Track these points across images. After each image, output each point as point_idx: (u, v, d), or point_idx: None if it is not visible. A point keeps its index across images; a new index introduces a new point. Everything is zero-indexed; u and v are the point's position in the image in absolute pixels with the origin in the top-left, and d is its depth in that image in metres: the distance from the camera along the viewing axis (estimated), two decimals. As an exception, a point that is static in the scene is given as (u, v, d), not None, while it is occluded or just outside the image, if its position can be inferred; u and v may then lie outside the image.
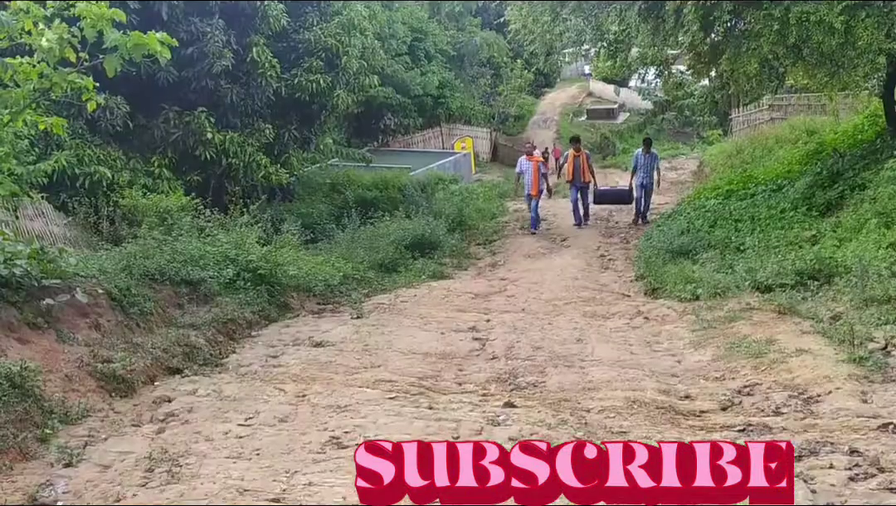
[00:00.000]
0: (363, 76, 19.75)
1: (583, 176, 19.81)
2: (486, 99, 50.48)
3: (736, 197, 16.92)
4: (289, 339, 9.02)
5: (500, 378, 7.34)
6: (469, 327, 9.59)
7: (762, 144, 24.64)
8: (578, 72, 75.92)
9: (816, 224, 12.20)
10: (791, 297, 9.04)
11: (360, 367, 7.72)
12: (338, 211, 19.60)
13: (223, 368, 7.76)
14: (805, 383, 6.36)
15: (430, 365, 7.82)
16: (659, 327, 9.43)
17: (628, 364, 7.72)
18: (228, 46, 16.09)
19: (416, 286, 12.94)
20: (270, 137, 17.47)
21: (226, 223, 12.25)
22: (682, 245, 13.80)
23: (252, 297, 9.92)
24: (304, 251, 13.76)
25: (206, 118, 15.84)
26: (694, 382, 7.04)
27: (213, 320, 8.83)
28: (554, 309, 10.89)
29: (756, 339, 7.78)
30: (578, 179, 19.83)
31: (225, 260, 10.33)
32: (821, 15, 11.39)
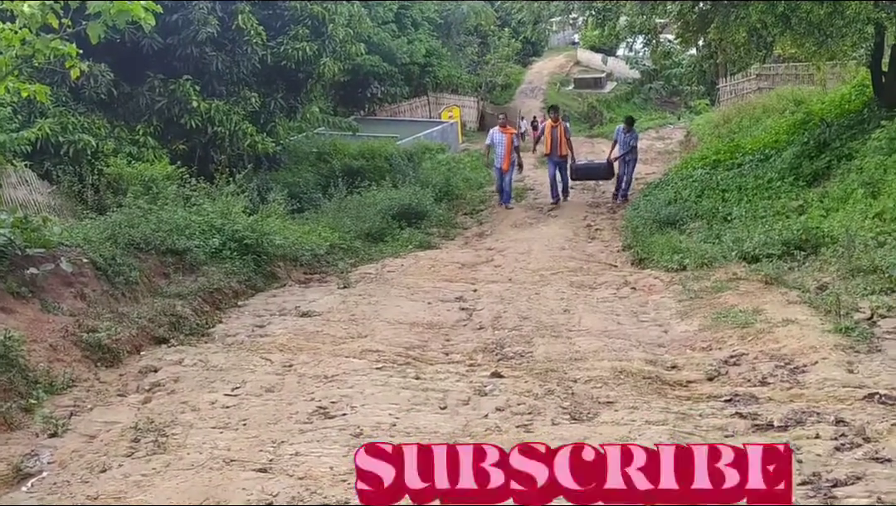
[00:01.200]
0: (349, 44, 19.64)
1: (559, 149, 18.83)
2: (473, 68, 50.31)
3: (723, 167, 16.93)
4: (275, 309, 8.99)
5: (487, 348, 7.33)
6: (456, 297, 9.57)
7: (749, 114, 24.64)
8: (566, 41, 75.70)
9: (803, 194, 12.22)
10: (778, 267, 9.06)
11: (347, 337, 7.70)
12: (324, 180, 19.54)
13: (209, 338, 7.75)
14: (791, 353, 6.38)
15: (417, 335, 7.81)
16: (646, 297, 9.44)
17: (615, 334, 7.72)
18: (213, 13, 15.97)
19: (403, 256, 12.92)
20: (256, 105, 17.38)
21: (211, 192, 12.19)
22: (670, 215, 13.81)
23: (238, 266, 9.88)
24: (291, 221, 13.73)
25: (191, 86, 15.75)
26: (680, 352, 7.06)
27: (199, 290, 8.80)
28: (541, 279, 10.88)
29: (743, 309, 7.79)
30: (556, 153, 18.87)
31: (211, 229, 10.29)
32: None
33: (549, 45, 71.99)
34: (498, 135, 18.69)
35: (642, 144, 33.03)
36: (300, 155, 22.01)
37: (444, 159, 25.20)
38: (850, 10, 11.73)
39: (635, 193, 19.23)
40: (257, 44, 16.79)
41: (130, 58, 15.33)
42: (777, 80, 28.64)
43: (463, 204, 19.64)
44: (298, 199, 17.12)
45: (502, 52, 52.24)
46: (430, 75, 42.63)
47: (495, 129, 19.10)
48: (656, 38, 20.27)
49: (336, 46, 18.91)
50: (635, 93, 58.46)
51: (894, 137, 11.45)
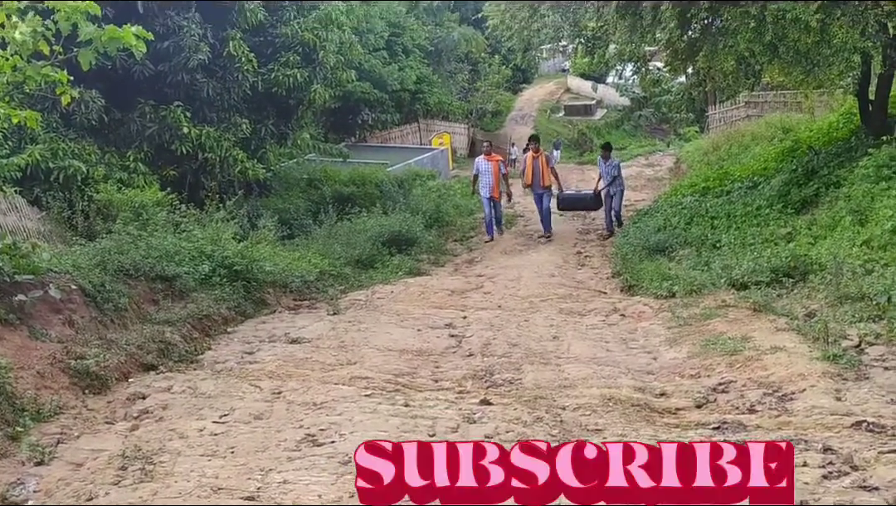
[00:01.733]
0: (340, 71, 19.68)
1: (542, 180, 18.02)
2: (463, 95, 50.43)
3: (712, 194, 17.01)
4: (265, 335, 8.99)
5: (476, 375, 7.33)
6: (446, 324, 9.58)
7: (738, 141, 24.79)
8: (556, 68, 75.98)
9: (792, 221, 12.27)
10: (766, 294, 9.10)
11: (336, 364, 7.70)
12: (315, 206, 19.53)
13: (198, 365, 7.73)
14: (779, 380, 6.39)
15: (407, 362, 7.81)
16: (635, 324, 9.46)
17: (604, 361, 7.73)
18: (205, 40, 15.98)
19: (393, 283, 12.93)
20: (247, 131, 17.36)
21: (202, 218, 12.20)
22: (659, 242, 13.87)
23: (228, 293, 9.88)
24: (281, 247, 13.73)
25: (182, 112, 15.74)
26: (669, 379, 7.07)
27: (188, 316, 8.79)
28: (530, 306, 10.90)
29: (731, 336, 7.81)
30: (538, 184, 18.06)
31: (201, 256, 10.29)
32: (797, 13, 11.45)
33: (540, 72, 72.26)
34: (484, 163, 18.20)
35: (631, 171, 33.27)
36: (291, 181, 22.00)
37: (434, 186, 25.25)
38: (836, 39, 11.84)
39: (625, 221, 19.27)
40: (248, 70, 16.81)
41: (121, 84, 15.34)
42: (766, 107, 28.85)
43: (453, 231, 19.68)
44: (289, 225, 17.13)
45: (493, 79, 52.48)
46: (420, 102, 42.73)
47: (480, 157, 18.60)
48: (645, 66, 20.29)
49: (327, 73, 18.94)
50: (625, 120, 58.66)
51: (881, 165, 11.52)
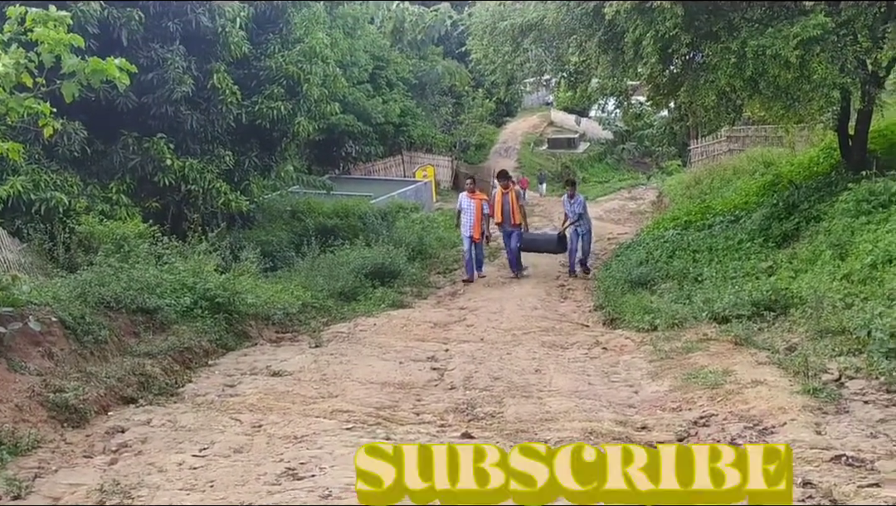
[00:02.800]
0: (324, 103, 19.73)
1: (512, 217, 17.51)
2: (447, 127, 50.70)
3: (694, 228, 17.11)
4: (246, 368, 8.95)
5: (457, 408, 7.32)
6: (428, 357, 9.57)
7: (720, 175, 24.97)
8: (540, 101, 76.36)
9: (773, 255, 12.34)
10: (747, 327, 9.13)
11: (318, 396, 7.67)
12: (298, 239, 19.52)
13: (179, 398, 7.69)
14: (760, 414, 6.41)
15: (388, 395, 7.80)
16: (617, 358, 9.48)
17: (586, 394, 7.74)
18: (189, 73, 16.02)
19: (376, 315, 12.92)
20: (230, 163, 17.37)
21: (184, 251, 12.16)
22: (641, 275, 13.91)
23: (209, 325, 9.84)
24: (263, 279, 13.72)
25: (165, 144, 15.73)
26: (651, 412, 7.07)
27: (169, 349, 8.74)
28: (513, 339, 10.92)
29: (713, 369, 7.83)
30: (508, 222, 17.55)
31: (182, 288, 10.25)
32: (777, 49, 11.57)
33: (523, 105, 72.64)
34: (466, 201, 17.65)
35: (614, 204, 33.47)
36: (274, 213, 22.01)
37: (417, 218, 25.33)
38: (816, 75, 11.96)
39: (608, 253, 19.33)
40: (232, 103, 16.84)
41: (104, 116, 15.34)
42: (747, 141, 29.08)
43: (436, 263, 19.71)
44: (271, 257, 17.12)
45: (476, 112, 52.81)
46: (404, 134, 42.93)
47: (464, 194, 18.03)
48: (628, 100, 20.45)
49: (311, 106, 18.99)
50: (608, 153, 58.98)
51: (861, 200, 11.62)
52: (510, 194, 17.69)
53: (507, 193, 17.68)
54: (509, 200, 17.59)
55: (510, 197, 17.63)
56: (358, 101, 36.08)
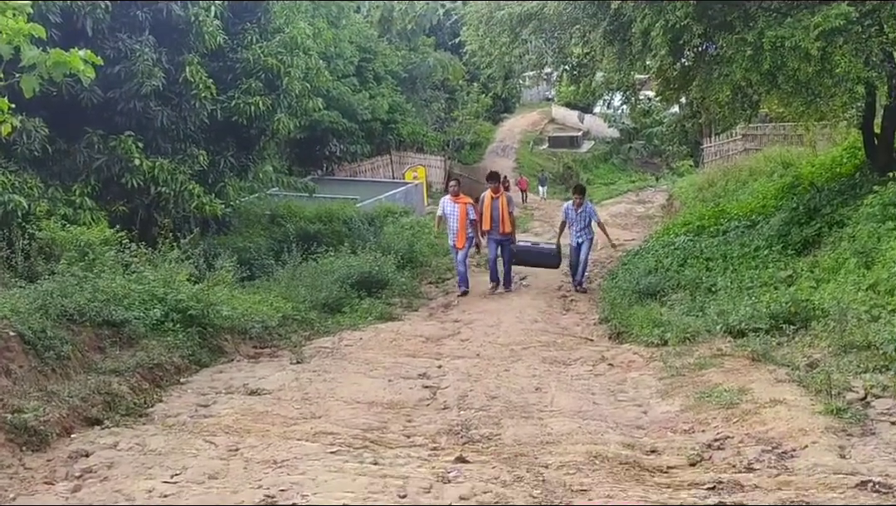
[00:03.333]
0: (306, 99, 19.72)
1: (501, 225, 16.96)
2: (440, 125, 50.77)
3: (707, 233, 17.14)
4: (221, 386, 8.93)
5: (451, 430, 7.32)
6: (419, 374, 9.57)
7: (735, 177, 25.05)
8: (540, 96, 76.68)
9: (792, 263, 12.35)
10: (765, 342, 9.13)
11: (300, 417, 7.66)
12: (277, 245, 19.53)
13: (148, 419, 7.67)
14: (779, 436, 6.41)
15: (376, 416, 7.79)
16: (624, 375, 9.48)
17: (590, 415, 7.74)
18: (159, 65, 16.01)
19: (362, 329, 12.91)
20: (204, 164, 17.34)
21: (154, 258, 12.15)
22: (650, 285, 13.92)
23: (181, 340, 9.82)
24: (240, 289, 13.69)
25: (133, 143, 15.70)
26: (661, 434, 7.07)
27: (137, 366, 8.72)
28: (511, 354, 10.91)
29: (728, 388, 7.83)
30: (497, 229, 17.01)
31: (152, 299, 10.23)
32: (796, 41, 11.58)
33: (522, 101, 72.96)
34: (450, 205, 17.20)
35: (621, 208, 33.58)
36: (251, 218, 22.01)
37: (407, 223, 25.31)
38: (839, 68, 11.93)
39: (614, 262, 19.32)
40: (206, 98, 16.82)
41: (67, 112, 15.31)
42: (764, 140, 29.18)
43: (428, 272, 19.72)
44: (249, 265, 17.08)
45: (471, 108, 52.89)
46: (393, 132, 42.98)
47: (446, 198, 17.58)
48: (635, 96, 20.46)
49: (292, 101, 18.99)
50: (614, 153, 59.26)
51: (888, 204, 11.63)
52: (501, 199, 17.11)
53: (497, 198, 17.09)
54: (500, 206, 17.01)
55: (501, 202, 17.06)
56: (343, 96, 36.13)
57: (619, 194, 43.57)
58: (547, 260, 18.34)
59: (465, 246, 17.09)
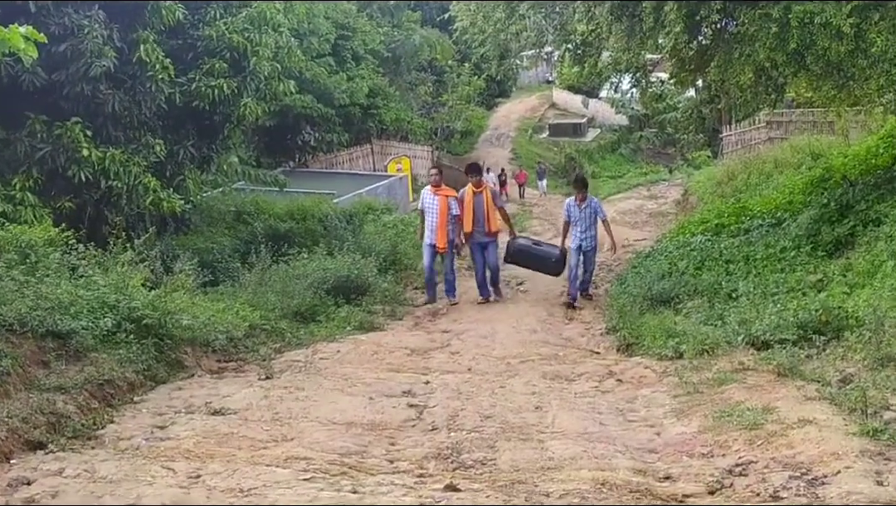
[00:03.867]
0: (276, 81, 19.68)
1: (487, 224, 16.51)
2: (426, 110, 50.76)
3: (727, 233, 17.18)
4: (181, 405, 8.91)
5: (440, 454, 7.31)
6: (404, 391, 9.56)
7: (758, 169, 25.10)
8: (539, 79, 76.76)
9: (823, 266, 12.38)
10: (793, 355, 9.14)
11: (269, 440, 7.64)
12: (244, 246, 19.48)
13: (98, 442, 7.63)
14: (809, 460, 6.41)
15: (355, 438, 7.77)
16: (634, 392, 9.49)
17: (597, 437, 7.74)
18: (110, 43, 15.94)
19: (340, 340, 12.90)
20: (161, 154, 17.27)
21: (104, 261, 12.10)
22: (663, 291, 13.93)
23: (135, 353, 9.78)
24: (202, 296, 13.66)
25: (81, 131, 15.62)
26: (676, 459, 7.07)
27: (85, 382, 8.68)
28: (507, 369, 10.92)
29: (751, 406, 7.84)
30: (481, 230, 16.57)
31: (102, 307, 10.19)
32: (827, 16, 11.61)
33: (519, 84, 73.01)
34: (430, 197, 16.88)
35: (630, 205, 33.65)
36: (215, 215, 21.96)
37: (390, 221, 25.33)
38: (875, 47, 11.95)
39: (622, 264, 19.33)
40: (163, 80, 16.75)
41: (6, 96, 15.25)
42: (791, 128, 29.26)
43: (413, 276, 19.69)
44: (212, 269, 17.04)
45: (462, 91, 52.86)
46: (374, 119, 42.92)
47: (426, 189, 17.25)
48: (646, 78, 20.50)
49: (260, 84, 18.94)
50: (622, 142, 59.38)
51: (929, 199, 11.68)
52: (484, 194, 16.63)
53: (479, 193, 16.61)
54: (483, 202, 16.53)
55: (484, 197, 16.59)
56: (317, 78, 36.08)
57: (628, 189, 43.64)
58: (546, 265, 17.45)
59: (448, 250, 16.80)
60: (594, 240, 16.95)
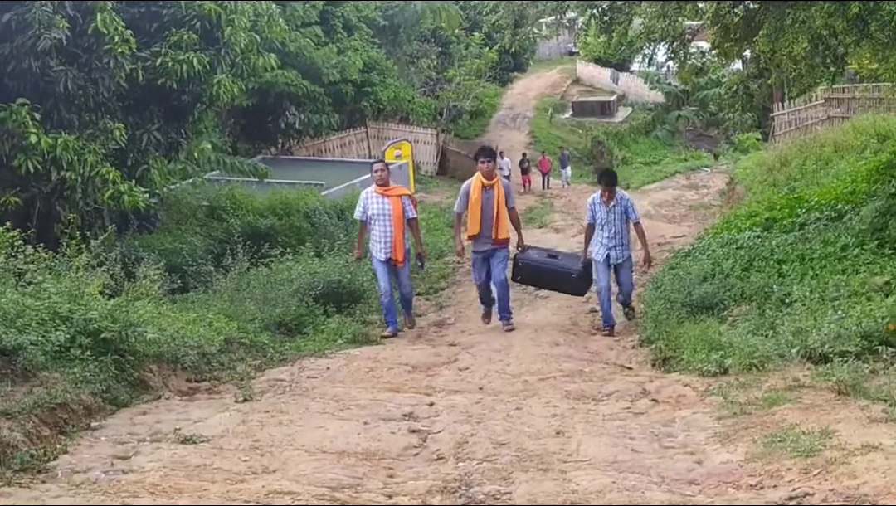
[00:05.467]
0: (255, 55, 19.66)
1: (495, 229, 14.74)
2: (430, 88, 50.79)
3: (779, 228, 17.17)
4: (145, 432, 8.92)
5: (446, 488, 7.31)
6: (404, 414, 9.58)
7: (816, 154, 25.07)
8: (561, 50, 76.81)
9: (891, 266, 12.37)
10: (855, 369, 9.12)
11: (248, 472, 7.66)
12: (218, 246, 19.53)
13: (49, 476, 7.65)
14: (874, 492, 6.41)
15: (348, 469, 7.78)
16: (672, 413, 9.49)
17: (628, 467, 7.74)
18: (62, 12, 15.96)
19: (330, 355, 12.92)
20: (122, 140, 17.29)
21: (56, 265, 12.12)
22: (705, 296, 13.91)
23: (93, 372, 9.78)
24: (170, 305, 13.67)
25: (28, 114, 15.65)
26: (720, 491, 7.07)
27: (35, 406, 8.70)
28: (524, 388, 10.93)
29: (807, 429, 7.83)
30: (487, 236, 14.84)
31: (54, 319, 10.19)
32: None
33: (538, 56, 73.06)
34: (377, 200, 15.17)
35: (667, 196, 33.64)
36: (184, 210, 21.99)
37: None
38: (950, 11, 11.97)
39: (658, 265, 19.32)
40: (123, 54, 16.72)
41: (-58, 75, 15.33)
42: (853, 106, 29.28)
43: (415, 280, 19.70)
44: (181, 273, 17.05)
45: (471, 65, 52.74)
46: (369, 98, 42.88)
47: (370, 190, 15.51)
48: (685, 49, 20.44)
49: (236, 58, 18.91)
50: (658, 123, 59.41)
51: None
52: (496, 188, 14.89)
53: (490, 187, 14.87)
54: (493, 199, 14.79)
55: (495, 194, 14.83)
56: (303, 51, 36.05)
57: (664, 177, 43.57)
58: (567, 283, 15.90)
59: (405, 262, 15.37)
60: (627, 248, 15.42)
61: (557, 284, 16.18)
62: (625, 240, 15.22)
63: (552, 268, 15.96)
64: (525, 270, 15.90)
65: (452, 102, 51.82)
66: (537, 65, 73.39)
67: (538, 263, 16.06)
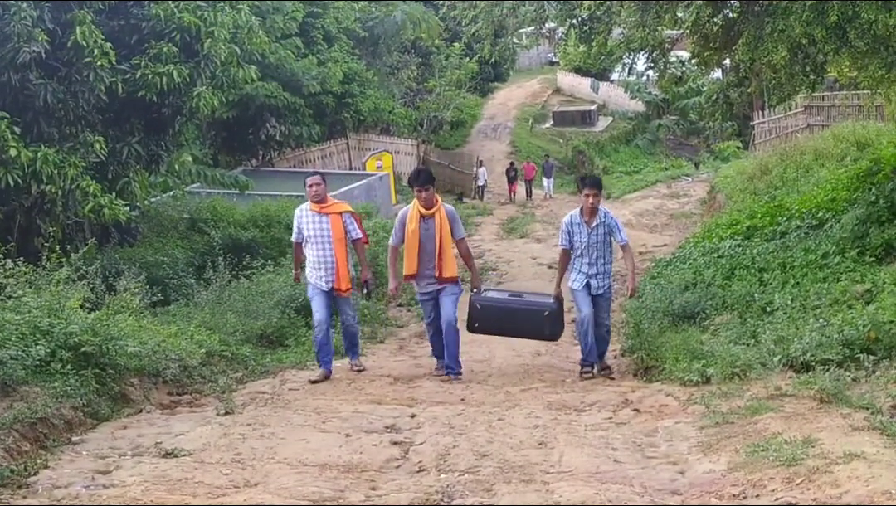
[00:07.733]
0: (235, 67, 19.64)
1: (439, 265, 12.62)
2: (410, 98, 50.81)
3: (761, 236, 17.22)
4: (126, 446, 8.89)
5: (428, 500, 7.30)
6: (386, 427, 9.57)
7: (796, 162, 25.14)
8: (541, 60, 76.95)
9: (871, 274, 12.40)
10: (837, 378, 9.14)
11: (230, 486, 7.63)
12: (200, 259, 19.49)
13: (30, 491, 7.61)
14: (857, 500, 6.41)
15: (330, 482, 7.76)
16: (654, 423, 9.49)
17: (611, 477, 7.73)
18: (41, 25, 15.93)
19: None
20: (102, 153, 17.25)
21: (36, 279, 12.07)
22: (687, 305, 13.96)
23: (73, 386, 9.74)
24: (151, 318, 13.64)
25: (7, 127, 15.61)
26: (703, 501, 7.07)
27: (15, 421, 8.66)
28: (507, 399, 10.92)
29: (789, 438, 7.84)
30: (430, 275, 12.76)
31: (33, 333, 10.14)
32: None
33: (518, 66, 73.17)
34: (312, 218, 12.92)
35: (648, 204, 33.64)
36: (165, 223, 21.97)
37: (370, 227, 25.28)
38: (929, 19, 12.00)
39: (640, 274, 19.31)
40: (103, 67, 16.68)
41: (-79, 88, 15.29)
42: (833, 114, 29.38)
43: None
44: (162, 286, 17.01)
45: (451, 76, 52.81)
46: (349, 109, 42.86)
47: (304, 208, 13.16)
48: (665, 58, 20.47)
49: (216, 70, 18.88)
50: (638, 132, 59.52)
51: None
52: (437, 218, 12.69)
53: (429, 217, 12.71)
54: (434, 230, 12.66)
55: (436, 223, 12.67)
56: (283, 62, 36.05)
57: (645, 186, 43.66)
58: (536, 325, 13.18)
59: (348, 290, 13.10)
60: (609, 276, 13.11)
61: (527, 328, 13.27)
62: (608, 267, 12.91)
63: (519, 308, 13.36)
64: (484, 313, 13.16)
65: (433, 113, 51.88)
66: (517, 75, 73.53)
67: (501, 303, 13.53)
